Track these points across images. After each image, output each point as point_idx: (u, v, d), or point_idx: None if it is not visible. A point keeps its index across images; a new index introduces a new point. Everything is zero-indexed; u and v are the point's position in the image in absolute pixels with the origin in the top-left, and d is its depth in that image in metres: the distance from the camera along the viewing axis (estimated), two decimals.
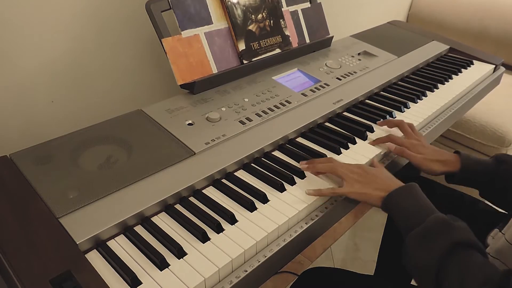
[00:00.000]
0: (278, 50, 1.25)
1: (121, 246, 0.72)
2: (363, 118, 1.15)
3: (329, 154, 0.98)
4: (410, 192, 0.82)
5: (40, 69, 1.06)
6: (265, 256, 0.74)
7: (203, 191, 0.86)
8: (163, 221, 0.78)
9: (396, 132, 1.08)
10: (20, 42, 1.00)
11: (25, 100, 1.06)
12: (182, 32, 1.06)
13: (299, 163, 0.95)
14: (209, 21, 1.11)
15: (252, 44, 1.18)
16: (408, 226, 0.76)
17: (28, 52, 1.02)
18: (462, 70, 1.52)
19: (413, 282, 1.33)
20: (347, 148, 1.02)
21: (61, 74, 1.10)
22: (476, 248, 0.69)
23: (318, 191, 0.86)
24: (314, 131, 1.08)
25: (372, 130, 1.09)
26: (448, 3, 2.38)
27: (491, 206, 1.14)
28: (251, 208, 0.81)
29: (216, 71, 1.12)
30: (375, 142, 1.05)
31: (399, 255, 0.77)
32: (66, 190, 0.77)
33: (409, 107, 1.23)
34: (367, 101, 1.26)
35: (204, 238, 0.74)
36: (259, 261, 0.73)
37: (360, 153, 1.00)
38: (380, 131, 1.10)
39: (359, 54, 1.46)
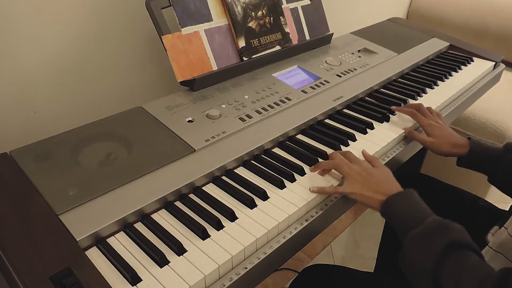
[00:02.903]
0: (278, 47, 1.25)
1: (121, 243, 0.72)
2: (363, 115, 1.15)
3: (329, 151, 0.98)
4: (408, 197, 0.83)
5: (40, 66, 1.06)
6: (265, 253, 0.74)
7: (203, 188, 0.86)
8: (163, 218, 0.78)
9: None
10: (20, 40, 1.00)
11: (25, 97, 1.06)
12: (182, 29, 1.05)
13: (299, 160, 0.95)
14: (209, 18, 1.11)
15: (252, 41, 1.18)
16: (406, 229, 0.77)
17: (28, 49, 1.02)
18: (462, 67, 1.52)
19: None
20: (347, 145, 1.02)
21: (61, 71, 1.10)
22: (472, 249, 0.70)
23: (321, 189, 0.87)
24: (314, 128, 1.08)
25: (372, 127, 1.09)
26: (448, 0, 2.37)
27: (491, 203, 1.14)
28: (251, 205, 0.81)
29: (216, 68, 1.11)
30: (398, 109, 1.16)
31: (399, 253, 0.77)
32: (66, 187, 0.77)
33: None
34: (367, 98, 1.26)
35: (204, 235, 0.74)
36: (259, 258, 0.73)
37: (360, 150, 1.00)
38: (380, 128, 1.10)
39: (359, 51, 1.46)
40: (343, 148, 1.01)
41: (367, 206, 0.88)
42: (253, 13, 1.18)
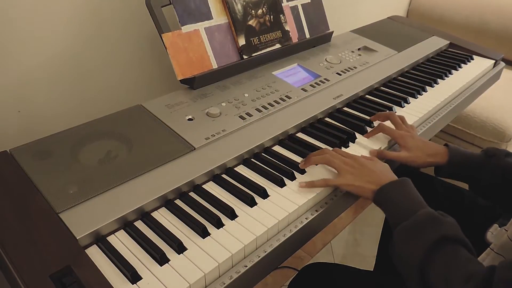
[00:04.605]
0: (278, 45, 1.25)
1: (121, 241, 0.72)
2: (363, 113, 1.15)
3: (330, 149, 0.98)
4: (402, 186, 0.82)
5: (41, 65, 1.05)
6: (265, 251, 0.74)
7: (203, 186, 0.86)
8: (163, 216, 0.78)
9: (390, 125, 1.08)
10: (20, 38, 1.00)
11: (25, 95, 1.05)
12: (182, 27, 1.05)
13: (299, 158, 0.95)
14: (209, 16, 1.11)
15: (252, 39, 1.18)
16: (397, 219, 0.76)
17: (28, 48, 1.02)
18: (462, 65, 1.52)
19: None
20: (347, 143, 1.02)
21: (62, 69, 1.10)
22: (463, 244, 0.69)
23: (310, 183, 0.86)
24: (314, 126, 1.08)
25: (372, 126, 1.09)
26: None
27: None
28: (251, 203, 0.81)
29: (216, 66, 1.11)
30: (368, 135, 1.06)
31: (390, 243, 0.77)
32: (66, 185, 0.77)
33: (409, 102, 1.23)
34: (367, 96, 1.26)
35: (204, 233, 0.74)
36: (259, 256, 0.73)
37: (360, 148, 1.00)
38: None
39: (359, 49, 1.46)
40: (343, 147, 1.01)
41: (360, 196, 0.87)
42: (253, 11, 1.18)
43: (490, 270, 0.63)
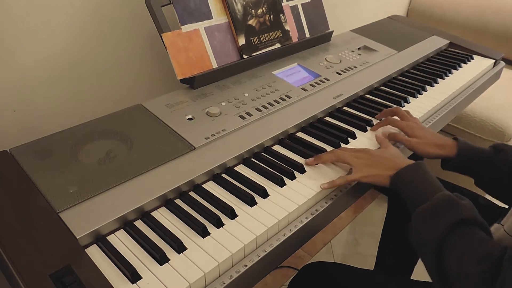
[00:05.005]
0: (278, 45, 1.25)
1: (121, 241, 0.72)
2: (363, 113, 1.15)
3: (330, 148, 0.98)
4: (418, 170, 0.84)
5: (41, 64, 1.05)
6: (265, 251, 0.74)
7: (203, 185, 0.86)
8: (163, 216, 0.78)
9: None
10: (21, 38, 1.00)
11: (25, 95, 1.05)
12: (182, 27, 1.05)
13: (299, 158, 0.95)
14: (209, 16, 1.11)
15: (252, 39, 1.18)
16: (415, 202, 0.78)
17: (28, 47, 1.02)
18: (462, 65, 1.52)
19: (412, 277, 1.33)
20: (347, 142, 1.02)
21: (61, 69, 1.10)
22: (480, 225, 0.71)
23: (331, 183, 0.87)
24: (314, 126, 1.08)
25: (372, 125, 1.09)
26: None
27: (490, 201, 1.14)
28: (251, 203, 0.81)
29: (216, 66, 1.11)
30: (375, 127, 1.08)
31: (398, 250, 0.77)
32: (66, 185, 0.77)
33: (409, 102, 1.23)
34: (367, 96, 1.26)
35: (204, 233, 0.74)
36: (259, 256, 0.73)
37: (360, 145, 1.00)
38: None
39: (359, 49, 1.46)
40: (344, 146, 1.01)
41: (378, 184, 0.89)
42: (253, 11, 1.18)
43: (503, 249, 0.65)
